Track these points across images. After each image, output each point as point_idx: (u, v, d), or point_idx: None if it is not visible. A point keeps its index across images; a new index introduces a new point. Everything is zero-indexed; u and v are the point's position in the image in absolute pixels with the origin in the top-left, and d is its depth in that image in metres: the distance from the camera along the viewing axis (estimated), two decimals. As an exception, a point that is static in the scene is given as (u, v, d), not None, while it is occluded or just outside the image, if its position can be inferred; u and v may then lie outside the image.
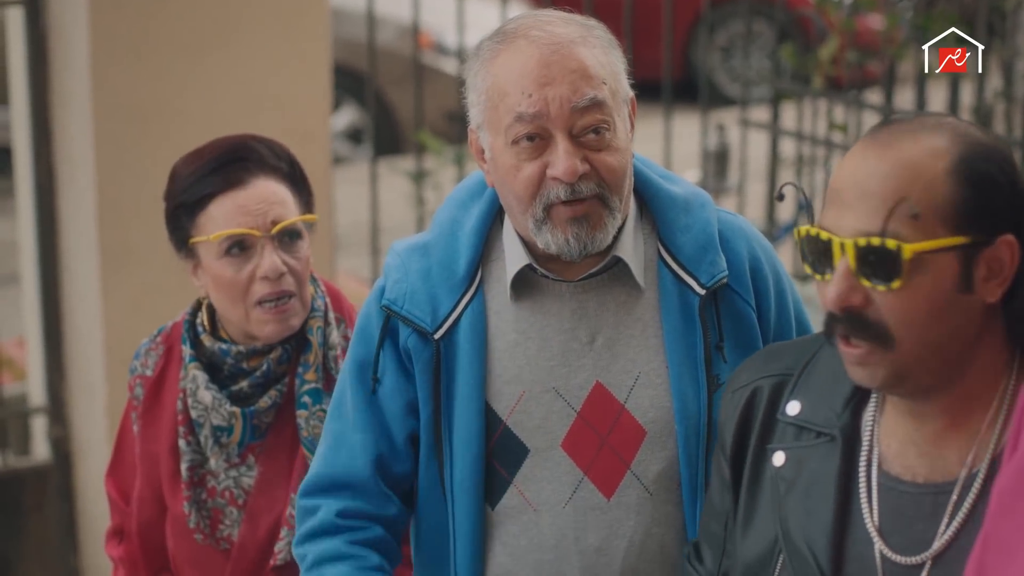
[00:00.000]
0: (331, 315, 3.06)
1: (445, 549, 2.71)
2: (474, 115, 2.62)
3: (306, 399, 3.00)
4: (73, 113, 4.92)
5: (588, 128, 2.53)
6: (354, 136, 10.44)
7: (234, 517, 3.04)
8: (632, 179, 2.63)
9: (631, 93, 2.63)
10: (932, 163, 2.10)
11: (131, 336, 4.99)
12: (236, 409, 2.98)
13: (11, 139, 5.26)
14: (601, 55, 2.57)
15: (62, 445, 5.23)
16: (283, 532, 2.99)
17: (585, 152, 2.54)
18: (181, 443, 3.02)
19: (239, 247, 2.93)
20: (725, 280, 2.62)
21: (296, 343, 3.02)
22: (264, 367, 3.00)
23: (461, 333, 2.65)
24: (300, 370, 3.01)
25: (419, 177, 5.87)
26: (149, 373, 3.09)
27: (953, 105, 5.20)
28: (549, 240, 2.57)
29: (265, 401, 3.00)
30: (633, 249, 2.64)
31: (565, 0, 3.31)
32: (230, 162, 2.94)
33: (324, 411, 2.95)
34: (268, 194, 2.94)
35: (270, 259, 2.93)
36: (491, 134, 2.59)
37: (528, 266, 2.63)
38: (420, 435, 2.69)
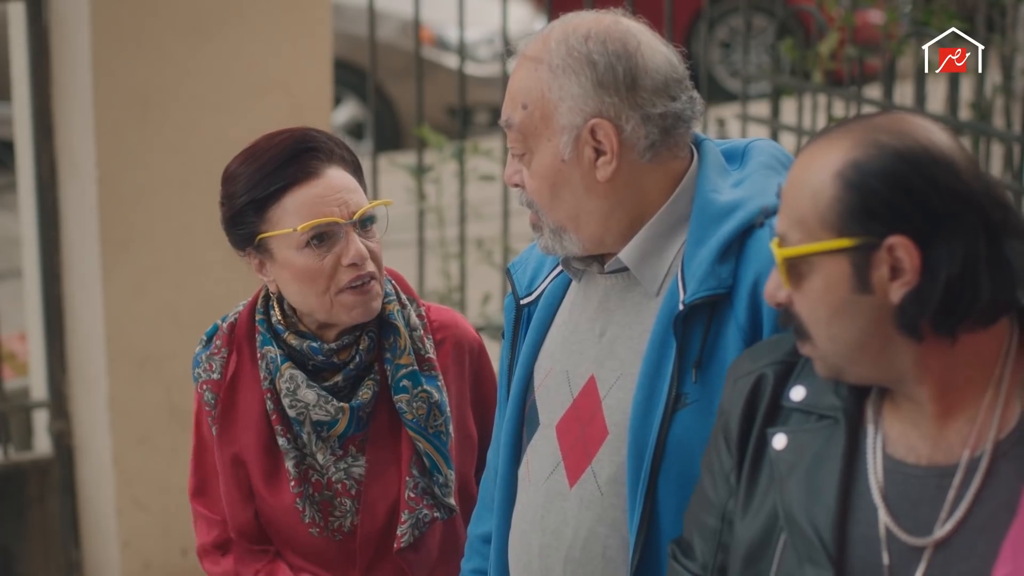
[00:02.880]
0: (403, 297, 3.10)
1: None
2: None
3: (405, 383, 3.04)
4: (74, 106, 4.93)
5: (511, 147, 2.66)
6: (355, 131, 10.44)
7: (346, 507, 3.06)
8: (576, 194, 2.61)
9: (607, 120, 2.56)
10: (822, 169, 2.14)
11: (132, 330, 5.01)
12: (344, 404, 3.01)
13: (13, 134, 5.27)
14: (534, 77, 2.59)
15: (64, 439, 5.25)
16: (404, 515, 3.03)
17: (522, 166, 2.65)
18: (282, 441, 3.03)
19: (320, 237, 2.95)
20: (713, 297, 2.55)
21: (378, 329, 3.05)
22: (357, 359, 3.03)
23: (540, 302, 2.78)
24: (389, 355, 3.04)
25: (420, 172, 5.87)
26: (217, 377, 3.07)
27: (953, 100, 5.20)
28: None
29: (366, 393, 3.03)
30: (649, 254, 2.63)
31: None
32: (301, 152, 2.95)
33: (426, 391, 3.04)
34: (342, 183, 2.97)
35: (355, 245, 2.95)
36: None
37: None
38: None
